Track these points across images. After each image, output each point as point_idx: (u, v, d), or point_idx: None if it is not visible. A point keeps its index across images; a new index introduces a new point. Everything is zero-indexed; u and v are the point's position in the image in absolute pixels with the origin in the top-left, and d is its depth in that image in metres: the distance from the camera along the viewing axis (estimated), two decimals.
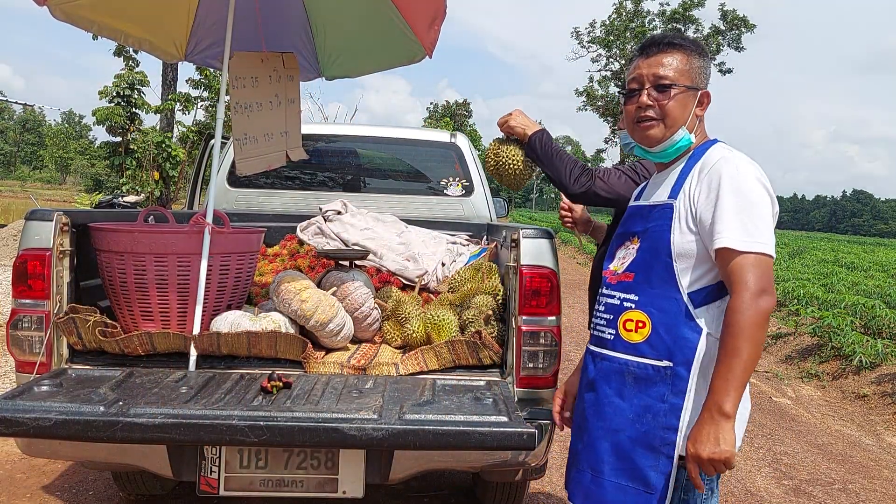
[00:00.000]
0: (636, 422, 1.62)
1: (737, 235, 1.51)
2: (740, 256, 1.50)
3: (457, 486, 3.55)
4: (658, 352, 1.61)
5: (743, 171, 1.57)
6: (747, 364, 1.46)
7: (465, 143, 4.35)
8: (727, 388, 1.46)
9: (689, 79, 1.72)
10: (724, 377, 1.47)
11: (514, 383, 2.35)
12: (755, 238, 1.51)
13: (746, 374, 1.47)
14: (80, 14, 2.75)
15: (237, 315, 2.51)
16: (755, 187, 1.56)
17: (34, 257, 2.29)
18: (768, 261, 1.51)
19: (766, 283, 1.49)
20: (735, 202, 1.54)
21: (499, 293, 2.75)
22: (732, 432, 1.47)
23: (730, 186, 1.56)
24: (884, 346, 6.52)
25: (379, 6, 2.93)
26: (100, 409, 1.94)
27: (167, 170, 16.13)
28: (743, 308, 1.47)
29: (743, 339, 1.46)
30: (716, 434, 1.47)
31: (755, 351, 1.46)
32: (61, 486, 3.32)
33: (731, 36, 38.30)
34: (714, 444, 1.47)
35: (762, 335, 1.48)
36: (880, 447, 4.97)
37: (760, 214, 1.54)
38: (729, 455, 1.46)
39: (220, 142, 2.84)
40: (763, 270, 1.50)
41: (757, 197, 1.55)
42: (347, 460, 2.20)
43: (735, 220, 1.53)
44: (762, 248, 1.51)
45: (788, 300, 10.13)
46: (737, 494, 3.73)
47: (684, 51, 1.74)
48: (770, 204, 1.57)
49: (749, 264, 1.50)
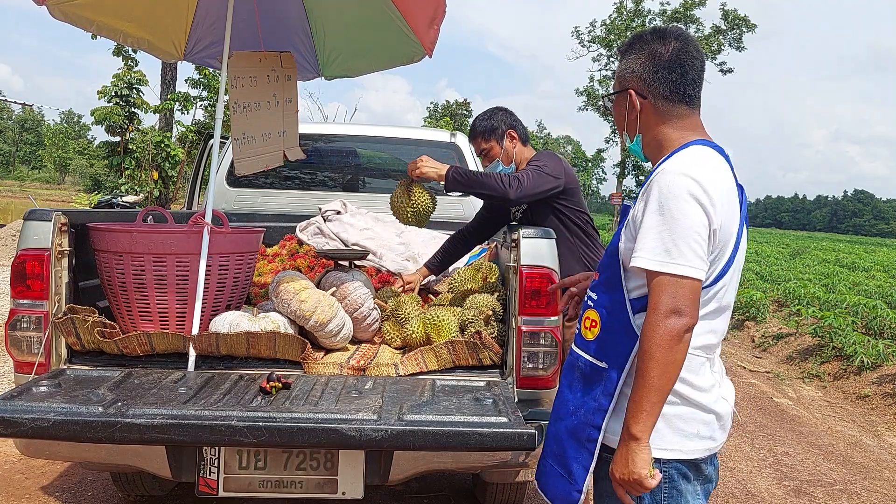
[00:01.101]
0: (573, 414, 1.66)
1: (653, 255, 1.46)
2: (657, 277, 1.46)
3: (457, 486, 3.54)
4: (600, 352, 1.61)
5: (674, 186, 1.48)
6: (656, 386, 1.43)
7: (466, 143, 4.34)
8: (636, 410, 1.46)
9: (617, 83, 1.72)
10: (634, 400, 1.46)
11: (514, 384, 2.35)
12: (672, 258, 1.44)
13: (656, 396, 1.44)
14: (78, 13, 2.75)
15: (236, 315, 2.50)
16: (682, 204, 1.46)
17: (33, 257, 2.29)
18: (686, 282, 1.44)
19: (679, 303, 1.43)
20: (658, 220, 1.48)
21: (499, 293, 2.75)
22: (644, 455, 1.46)
23: (657, 202, 1.49)
24: (885, 346, 6.52)
25: (378, 6, 2.93)
26: (98, 410, 1.93)
27: (166, 170, 16.12)
28: (649, 330, 1.44)
29: (650, 361, 1.43)
30: (625, 456, 1.48)
31: (664, 373, 1.42)
32: (60, 487, 3.31)
33: (731, 35, 38.29)
34: (623, 466, 1.48)
35: (673, 357, 1.43)
36: (881, 448, 4.96)
37: (684, 233, 1.45)
38: (637, 477, 1.46)
39: (219, 141, 2.84)
40: (676, 291, 1.43)
41: (682, 214, 1.45)
42: (347, 461, 2.20)
43: (656, 238, 1.47)
44: (677, 269, 1.44)
45: (789, 300, 10.12)
46: (737, 495, 3.72)
47: (621, 56, 1.72)
48: (703, 222, 1.46)
49: (662, 284, 1.45)
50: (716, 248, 1.51)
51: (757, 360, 7.90)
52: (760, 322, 9.36)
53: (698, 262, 1.45)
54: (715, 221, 1.48)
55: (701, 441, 1.57)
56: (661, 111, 1.64)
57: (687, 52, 1.62)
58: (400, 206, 2.75)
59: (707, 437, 1.58)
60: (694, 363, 1.56)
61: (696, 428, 1.56)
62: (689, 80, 1.62)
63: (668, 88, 1.62)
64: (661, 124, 1.65)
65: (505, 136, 3.02)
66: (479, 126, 3.05)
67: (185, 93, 17.20)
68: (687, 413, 1.57)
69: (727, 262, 1.54)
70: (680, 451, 1.55)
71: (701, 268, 1.45)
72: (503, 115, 3.06)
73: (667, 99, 1.63)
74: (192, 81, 17.45)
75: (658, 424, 1.50)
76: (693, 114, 1.66)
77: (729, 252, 1.54)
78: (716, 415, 1.60)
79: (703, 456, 1.58)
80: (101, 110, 16.21)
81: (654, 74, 1.62)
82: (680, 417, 1.56)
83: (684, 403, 1.56)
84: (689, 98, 1.63)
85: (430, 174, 2.71)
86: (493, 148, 3.03)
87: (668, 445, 1.54)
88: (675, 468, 1.56)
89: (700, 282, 1.46)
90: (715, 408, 1.60)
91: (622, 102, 1.69)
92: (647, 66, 1.63)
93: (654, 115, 1.65)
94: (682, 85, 1.62)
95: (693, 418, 1.57)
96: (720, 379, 1.65)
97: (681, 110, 1.64)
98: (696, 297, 1.45)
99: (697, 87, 1.65)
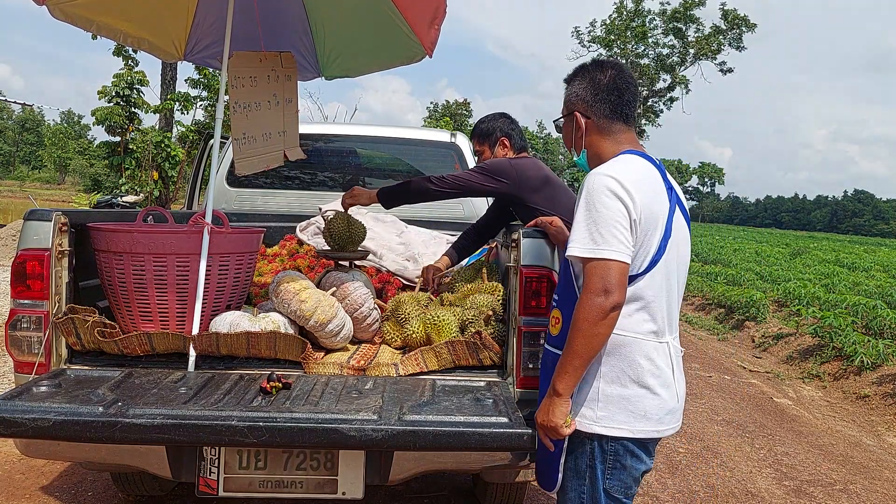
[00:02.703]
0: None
1: (583, 244, 1.70)
2: (588, 263, 1.69)
3: (457, 486, 3.54)
4: (563, 343, 1.78)
5: (596, 184, 1.72)
6: (579, 353, 1.68)
7: (465, 143, 4.34)
8: (561, 372, 1.71)
9: (565, 108, 1.99)
10: (561, 363, 1.72)
11: (514, 384, 2.35)
12: (598, 245, 1.68)
13: (579, 361, 1.69)
14: (78, 13, 2.75)
15: (236, 315, 2.50)
16: (603, 198, 1.70)
17: (33, 257, 2.29)
18: (612, 264, 1.66)
19: (607, 283, 1.65)
20: (585, 214, 1.72)
21: (499, 293, 2.74)
22: (562, 407, 1.73)
23: (584, 199, 1.74)
24: (885, 346, 6.52)
25: (379, 5, 2.92)
26: (99, 410, 1.93)
27: (166, 170, 16.10)
28: (580, 305, 1.68)
29: (577, 332, 1.67)
30: (548, 407, 1.75)
31: (587, 344, 1.67)
32: (60, 487, 3.31)
33: (731, 35, 38.24)
34: (545, 415, 1.76)
35: (597, 330, 1.66)
36: (881, 448, 4.96)
37: (606, 223, 1.68)
38: (554, 424, 1.73)
39: (219, 141, 2.84)
40: (605, 273, 1.66)
41: (603, 206, 1.69)
42: (347, 461, 2.20)
43: (584, 230, 1.71)
44: (603, 253, 1.67)
45: (789, 300, 10.12)
46: (737, 495, 3.72)
47: (566, 84, 2.00)
48: (623, 212, 1.69)
49: (591, 268, 1.68)
50: (640, 236, 1.73)
51: (757, 360, 7.90)
52: (760, 322, 9.36)
53: (621, 246, 1.68)
54: (634, 212, 1.71)
55: (648, 423, 1.78)
56: (602, 128, 1.90)
57: (623, 78, 1.90)
58: (340, 233, 2.97)
59: (655, 419, 1.79)
60: (647, 347, 1.77)
61: (644, 410, 1.77)
62: (625, 101, 1.90)
63: (608, 108, 1.89)
64: (602, 140, 1.91)
65: (498, 142, 3.13)
66: (477, 128, 3.21)
67: (185, 93, 17.16)
68: (639, 395, 1.77)
69: (657, 251, 1.76)
70: (629, 430, 1.77)
71: (625, 252, 1.68)
72: (501, 122, 3.16)
73: (607, 117, 1.89)
74: (192, 81, 17.41)
75: (612, 405, 1.76)
76: (629, 130, 1.92)
77: (657, 242, 1.76)
78: (665, 400, 1.80)
79: (644, 437, 1.78)
80: (102, 110, 16.19)
81: (596, 97, 1.90)
82: (631, 399, 1.77)
83: (639, 386, 1.77)
84: (625, 116, 1.90)
85: (361, 199, 2.97)
86: (485, 152, 3.17)
87: (619, 424, 1.76)
88: (622, 445, 1.78)
89: (626, 265, 1.69)
90: (666, 394, 1.80)
91: (570, 123, 1.96)
92: (590, 90, 1.91)
93: (596, 132, 1.91)
94: (620, 105, 1.89)
95: (638, 399, 1.77)
96: (676, 369, 1.84)
97: (618, 127, 1.90)
98: (622, 278, 1.68)
99: (632, 107, 1.92)
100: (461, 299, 2.81)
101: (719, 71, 39.07)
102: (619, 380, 1.77)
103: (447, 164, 4.32)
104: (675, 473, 3.97)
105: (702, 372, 6.76)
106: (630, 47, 39.01)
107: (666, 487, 3.75)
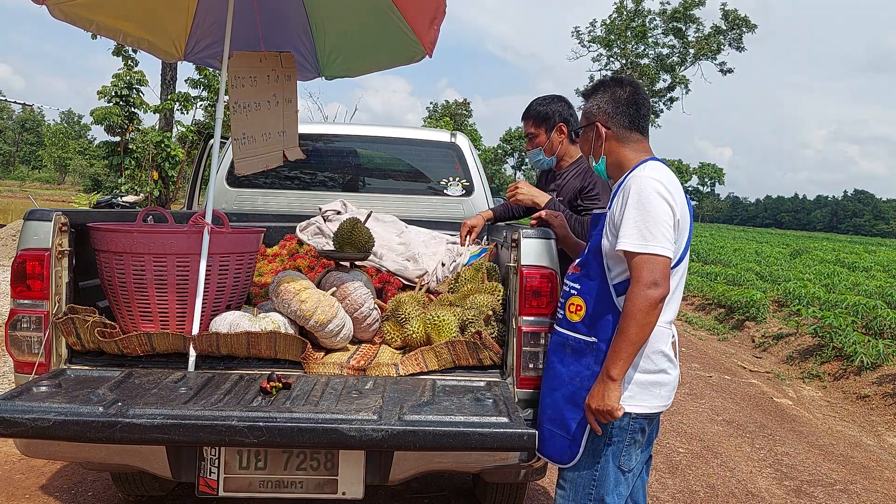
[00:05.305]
0: (568, 384, 2.04)
1: (634, 240, 1.88)
2: (636, 257, 1.87)
3: (457, 486, 3.54)
4: (588, 329, 2.01)
5: (647, 187, 1.91)
6: (632, 340, 1.85)
7: (466, 143, 4.33)
8: (615, 358, 1.87)
9: (584, 119, 2.20)
10: (614, 349, 1.88)
11: (514, 384, 2.34)
12: (648, 241, 1.86)
13: (633, 348, 1.86)
14: (78, 13, 2.74)
15: (236, 315, 2.50)
16: (654, 200, 1.90)
17: (33, 257, 2.29)
18: (660, 259, 1.86)
19: (656, 276, 1.84)
20: (636, 213, 1.89)
21: (499, 293, 2.74)
22: (616, 392, 1.89)
23: (634, 200, 1.91)
24: (885, 346, 6.52)
25: (379, 5, 2.92)
26: (99, 410, 1.93)
27: (166, 170, 16.11)
28: (633, 297, 1.85)
29: (630, 320, 1.84)
30: (602, 392, 1.90)
31: (640, 331, 1.84)
32: (60, 487, 3.31)
33: (732, 35, 38.26)
34: (600, 400, 1.90)
35: (649, 319, 1.84)
36: (881, 448, 4.96)
37: (656, 222, 1.88)
38: (610, 408, 1.89)
39: (219, 141, 2.84)
40: (654, 267, 1.85)
41: (653, 207, 1.89)
42: (347, 461, 2.19)
43: (633, 227, 1.88)
44: (653, 249, 1.86)
45: (790, 300, 10.12)
46: (737, 495, 3.72)
47: (586, 98, 2.21)
48: (669, 213, 1.90)
49: (642, 262, 1.86)
50: (679, 235, 1.95)
51: (757, 360, 7.90)
52: (760, 322, 9.36)
53: (668, 243, 1.88)
54: (677, 213, 1.93)
55: (660, 399, 2.00)
56: (622, 138, 2.11)
57: (640, 94, 2.13)
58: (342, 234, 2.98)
59: (665, 396, 2.02)
60: (665, 335, 1.99)
61: (658, 389, 2.00)
62: (641, 115, 2.12)
63: (627, 120, 2.10)
64: (622, 148, 2.11)
65: (555, 128, 2.99)
66: (534, 110, 3.03)
67: (185, 93, 17.17)
68: (656, 377, 1.99)
69: (684, 248, 1.98)
70: (647, 406, 1.98)
71: (670, 248, 1.88)
72: (560, 106, 3.01)
73: (626, 128, 2.11)
74: (192, 81, 17.41)
75: (636, 385, 1.96)
76: (644, 140, 2.12)
77: (685, 240, 1.98)
78: (674, 378, 2.04)
79: (657, 411, 2.01)
80: (101, 110, 16.20)
81: (617, 109, 2.11)
82: (652, 380, 1.98)
83: (658, 368, 1.98)
84: (641, 128, 2.12)
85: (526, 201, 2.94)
86: (540, 136, 3.02)
87: (640, 402, 1.97)
88: (637, 422, 1.98)
89: (670, 259, 1.89)
90: (675, 373, 2.04)
91: (589, 133, 2.17)
92: (611, 103, 2.12)
93: (616, 141, 2.11)
94: (637, 118, 2.11)
95: (659, 381, 2.00)
96: (677, 353, 2.08)
97: (636, 136, 2.11)
98: (667, 272, 1.88)
99: (647, 120, 2.15)
100: (461, 299, 2.81)
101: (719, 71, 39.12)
102: (645, 364, 1.96)
103: (447, 164, 4.32)
104: (675, 473, 3.97)
105: (702, 372, 6.76)
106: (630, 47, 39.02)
107: (666, 487, 3.75)
